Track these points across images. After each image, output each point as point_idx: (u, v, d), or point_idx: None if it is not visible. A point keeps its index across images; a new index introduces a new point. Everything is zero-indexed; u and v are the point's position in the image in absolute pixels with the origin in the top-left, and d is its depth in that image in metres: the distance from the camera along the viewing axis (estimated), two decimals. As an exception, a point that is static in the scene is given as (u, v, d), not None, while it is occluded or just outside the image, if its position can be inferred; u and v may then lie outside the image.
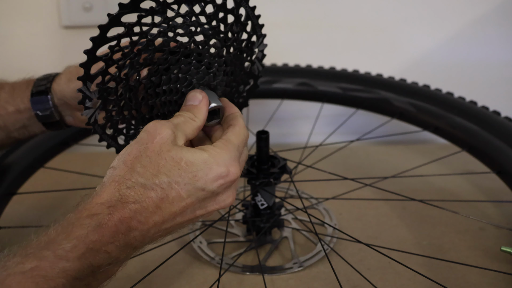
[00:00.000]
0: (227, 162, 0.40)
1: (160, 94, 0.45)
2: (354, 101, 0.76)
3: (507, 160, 0.59)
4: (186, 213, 0.39)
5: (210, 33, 0.46)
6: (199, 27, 0.45)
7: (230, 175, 0.40)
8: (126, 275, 0.54)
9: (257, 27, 0.51)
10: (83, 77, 0.43)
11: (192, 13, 0.44)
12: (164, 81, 0.44)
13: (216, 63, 0.46)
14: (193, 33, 0.45)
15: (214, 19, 0.46)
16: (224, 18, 0.47)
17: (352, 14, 0.90)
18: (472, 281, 0.53)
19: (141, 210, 0.37)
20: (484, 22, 0.89)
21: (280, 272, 0.55)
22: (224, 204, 0.42)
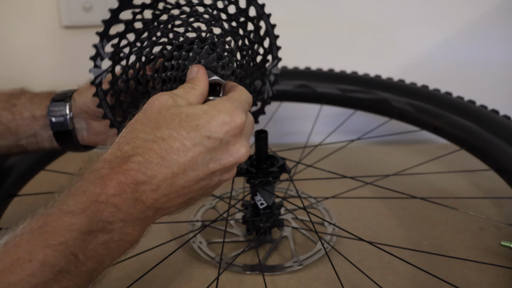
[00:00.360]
0: (230, 109, 0.39)
1: (167, 68, 0.45)
2: (353, 102, 0.76)
3: (506, 157, 0.59)
4: (197, 165, 0.38)
5: (227, 30, 0.47)
6: (218, 21, 0.47)
7: (235, 120, 0.38)
8: (125, 274, 0.54)
9: (274, 47, 0.52)
10: (101, 33, 0.44)
11: (214, 6, 0.47)
12: (175, 56, 0.45)
13: (227, 57, 0.46)
14: (211, 24, 0.46)
15: (234, 19, 0.48)
16: (244, 23, 0.49)
17: (351, 15, 0.90)
18: (472, 280, 0.53)
19: (144, 162, 0.36)
20: (484, 22, 0.89)
21: (280, 271, 0.55)
22: (239, 156, 0.40)
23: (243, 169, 0.56)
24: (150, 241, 0.60)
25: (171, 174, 0.37)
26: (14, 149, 0.56)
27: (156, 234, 0.62)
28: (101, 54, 0.45)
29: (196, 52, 0.45)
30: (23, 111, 0.54)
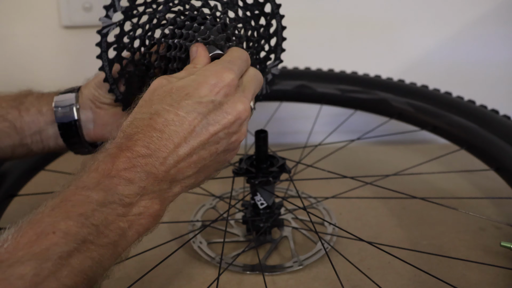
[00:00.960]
0: (216, 71, 0.40)
1: (176, 36, 0.47)
2: (353, 102, 0.77)
3: (505, 156, 0.59)
4: (196, 131, 0.39)
5: (241, 17, 0.49)
6: (234, 6, 0.49)
7: (223, 80, 0.40)
8: (125, 274, 0.54)
9: (279, 48, 0.54)
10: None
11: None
12: (186, 26, 0.46)
13: (235, 41, 0.48)
14: (227, 7, 0.49)
15: (249, 9, 0.50)
16: (258, 16, 0.50)
17: (351, 15, 0.90)
18: (472, 280, 0.53)
19: (145, 138, 0.37)
20: (484, 22, 0.89)
21: (280, 271, 0.55)
22: (236, 112, 0.40)
23: (243, 169, 0.56)
24: (150, 241, 0.60)
25: (173, 145, 0.38)
26: (18, 149, 0.55)
27: (156, 234, 0.62)
28: (116, 6, 0.46)
29: (208, 27, 0.46)
30: (30, 107, 0.54)
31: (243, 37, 0.48)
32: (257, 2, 0.51)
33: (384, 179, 0.66)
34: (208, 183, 0.68)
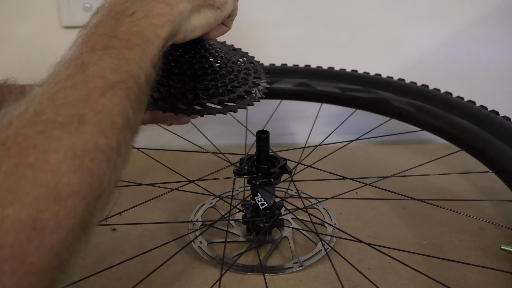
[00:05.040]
0: None
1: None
2: (353, 101, 0.76)
3: (506, 159, 0.59)
4: None
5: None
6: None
7: None
8: (125, 275, 0.54)
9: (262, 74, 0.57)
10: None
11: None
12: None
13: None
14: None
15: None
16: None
17: (351, 14, 0.90)
18: (472, 281, 0.53)
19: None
20: (484, 22, 0.89)
21: (280, 272, 0.55)
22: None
23: (244, 169, 0.56)
24: (150, 241, 0.60)
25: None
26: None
27: (156, 234, 0.62)
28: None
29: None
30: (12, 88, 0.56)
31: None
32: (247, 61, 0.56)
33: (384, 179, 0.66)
34: (208, 183, 0.68)
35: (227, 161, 0.67)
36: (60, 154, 0.28)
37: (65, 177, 0.28)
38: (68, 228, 0.28)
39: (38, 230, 0.26)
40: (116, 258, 0.56)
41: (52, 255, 0.27)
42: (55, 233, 0.27)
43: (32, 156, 0.27)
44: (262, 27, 0.89)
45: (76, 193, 0.28)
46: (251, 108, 0.80)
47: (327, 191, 0.70)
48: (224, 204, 0.68)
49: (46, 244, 0.27)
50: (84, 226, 0.29)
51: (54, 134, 0.29)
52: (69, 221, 0.28)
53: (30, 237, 0.26)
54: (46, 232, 0.27)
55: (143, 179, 0.75)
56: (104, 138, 0.31)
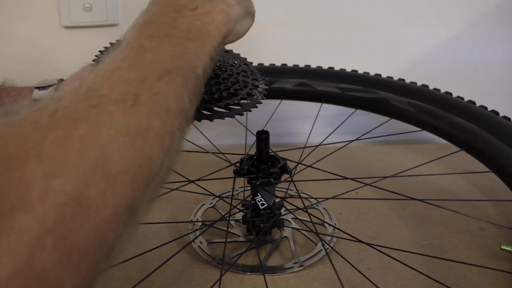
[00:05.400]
0: None
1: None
2: (353, 101, 0.76)
3: (506, 159, 0.59)
4: None
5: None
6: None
7: None
8: (126, 275, 0.54)
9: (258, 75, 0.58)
10: None
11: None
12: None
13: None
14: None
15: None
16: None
17: (351, 14, 0.90)
18: (472, 280, 0.53)
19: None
20: (484, 22, 0.89)
21: (280, 272, 0.55)
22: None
23: (244, 169, 0.56)
24: (150, 241, 0.60)
25: None
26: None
27: (156, 234, 0.62)
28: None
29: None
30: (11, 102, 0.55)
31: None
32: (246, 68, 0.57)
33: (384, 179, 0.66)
34: (208, 183, 0.68)
35: (227, 161, 0.67)
36: (112, 130, 0.27)
37: (115, 154, 0.27)
38: (115, 208, 0.26)
39: (84, 206, 0.25)
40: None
41: (97, 234, 0.25)
42: (102, 211, 0.25)
43: (82, 128, 0.26)
44: (262, 27, 0.89)
45: (126, 172, 0.27)
46: (251, 108, 0.80)
47: (327, 191, 0.70)
48: (224, 204, 0.68)
49: (91, 221, 0.25)
50: (132, 209, 0.28)
51: (107, 109, 0.28)
52: (117, 200, 0.26)
53: (75, 212, 0.24)
54: (92, 208, 0.25)
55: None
56: (159, 121, 0.30)
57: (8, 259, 0.21)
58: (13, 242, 0.22)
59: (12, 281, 0.21)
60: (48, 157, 0.24)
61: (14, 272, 0.21)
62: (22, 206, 0.23)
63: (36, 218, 0.23)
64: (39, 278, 0.22)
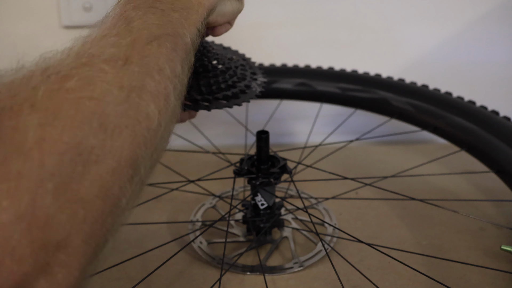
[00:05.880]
0: None
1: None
2: (353, 101, 0.76)
3: (506, 159, 0.59)
4: None
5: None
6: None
7: None
8: (125, 275, 0.54)
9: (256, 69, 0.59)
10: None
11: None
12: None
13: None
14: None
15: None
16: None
17: (351, 14, 0.90)
18: (472, 280, 0.53)
19: None
20: (484, 22, 0.89)
21: (280, 272, 0.55)
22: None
23: (244, 169, 0.56)
24: (150, 242, 0.60)
25: None
26: None
27: (155, 234, 0.62)
28: None
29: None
30: None
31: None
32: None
33: (384, 179, 0.66)
34: (208, 183, 0.68)
35: (227, 161, 0.67)
36: (105, 84, 0.27)
37: (110, 106, 0.27)
38: (117, 160, 0.26)
39: (83, 156, 0.24)
40: (116, 258, 0.56)
41: (100, 186, 0.25)
42: (102, 163, 0.25)
43: (75, 82, 0.26)
44: (262, 27, 0.89)
45: (124, 126, 0.27)
46: (251, 108, 0.81)
47: (327, 191, 0.70)
48: (224, 204, 0.68)
49: (92, 172, 0.25)
50: (135, 166, 0.28)
51: (99, 66, 0.28)
52: (117, 153, 0.26)
53: (74, 161, 0.24)
54: (92, 159, 0.25)
55: (143, 179, 0.75)
56: (152, 80, 0.30)
57: (8, 204, 0.21)
58: (13, 187, 0.22)
59: (15, 226, 0.21)
60: (42, 107, 0.24)
61: (16, 216, 0.21)
62: (19, 152, 0.22)
63: (34, 164, 0.23)
64: (43, 225, 0.22)
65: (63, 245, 0.23)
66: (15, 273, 0.21)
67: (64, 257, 0.23)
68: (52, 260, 0.23)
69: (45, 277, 0.22)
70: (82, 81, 0.26)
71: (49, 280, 0.23)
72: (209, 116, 0.91)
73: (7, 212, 0.21)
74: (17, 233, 0.21)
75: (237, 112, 0.81)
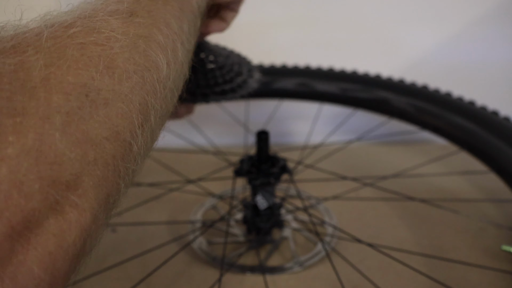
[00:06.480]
0: None
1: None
2: (353, 101, 0.76)
3: (506, 159, 0.59)
4: None
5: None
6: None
7: None
8: (125, 275, 0.54)
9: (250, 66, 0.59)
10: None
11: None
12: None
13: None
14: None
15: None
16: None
17: (351, 14, 0.90)
18: (472, 280, 0.53)
19: None
20: (484, 22, 0.89)
21: (280, 272, 0.55)
22: None
23: (244, 169, 0.56)
24: (150, 241, 0.60)
25: None
26: None
27: (156, 234, 0.62)
28: None
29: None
30: None
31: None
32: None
33: (384, 179, 0.66)
34: (208, 183, 0.68)
35: (227, 161, 0.67)
36: (108, 30, 0.27)
37: (117, 51, 0.26)
38: (126, 104, 0.26)
39: (91, 97, 0.24)
40: (116, 258, 0.56)
41: (110, 129, 0.25)
42: (112, 106, 0.25)
43: (79, 28, 0.26)
44: (262, 27, 0.89)
45: (132, 71, 0.27)
46: (251, 108, 0.81)
47: (327, 191, 0.70)
48: (224, 204, 0.68)
49: (101, 114, 0.24)
50: (145, 113, 0.27)
51: (103, 18, 0.27)
52: (127, 97, 0.26)
53: (82, 101, 0.24)
54: (100, 101, 0.24)
55: (143, 179, 0.75)
56: (159, 32, 0.30)
57: (14, 139, 0.21)
58: (18, 122, 0.21)
59: (22, 160, 0.21)
60: (46, 50, 0.24)
61: (23, 151, 0.21)
62: (23, 90, 0.22)
63: (39, 101, 0.22)
64: (51, 162, 0.22)
65: (73, 185, 0.23)
66: (23, 208, 0.20)
67: (75, 198, 0.23)
68: (63, 200, 0.22)
69: (55, 216, 0.22)
70: (86, 29, 0.26)
71: (59, 219, 0.22)
72: (209, 116, 0.91)
73: (13, 146, 0.21)
74: (24, 167, 0.21)
75: (237, 112, 0.81)
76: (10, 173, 0.20)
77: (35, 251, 0.21)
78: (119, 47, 0.27)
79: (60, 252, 0.22)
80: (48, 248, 0.21)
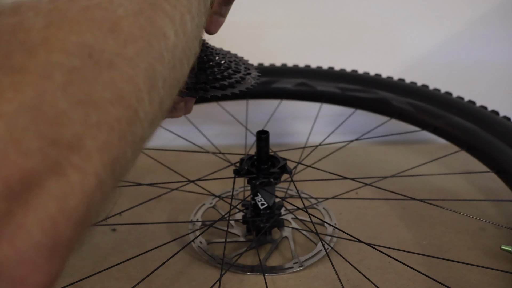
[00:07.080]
0: None
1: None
2: (353, 101, 0.77)
3: (506, 159, 0.59)
4: None
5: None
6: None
7: None
8: (126, 275, 0.54)
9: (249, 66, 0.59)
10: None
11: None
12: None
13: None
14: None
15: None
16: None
17: (351, 14, 0.90)
18: (472, 280, 0.53)
19: None
20: (484, 22, 0.89)
21: (280, 272, 0.55)
22: None
23: (244, 169, 0.56)
24: (150, 241, 0.60)
25: None
26: None
27: (156, 234, 0.62)
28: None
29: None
30: None
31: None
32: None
33: (384, 179, 0.66)
34: (208, 183, 0.68)
35: (227, 161, 0.67)
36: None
37: (121, 15, 0.26)
38: (132, 68, 0.25)
39: (94, 58, 0.23)
40: (116, 258, 0.56)
41: (114, 92, 0.24)
42: (116, 69, 0.24)
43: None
44: (262, 27, 0.89)
45: (138, 36, 0.26)
46: (251, 108, 0.81)
47: (327, 191, 0.70)
48: (224, 204, 0.68)
49: (105, 77, 0.24)
50: (151, 78, 0.26)
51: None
52: (132, 61, 0.25)
53: (84, 62, 0.23)
54: (104, 63, 0.24)
55: (143, 179, 0.75)
56: (166, 3, 0.29)
57: (12, 96, 0.20)
58: (17, 79, 0.21)
59: (20, 117, 0.20)
60: (45, 12, 0.23)
61: (21, 108, 0.20)
62: (23, 49, 0.22)
63: (39, 60, 0.22)
64: (52, 121, 0.21)
65: (75, 147, 0.22)
66: (21, 167, 0.20)
67: (78, 160, 0.22)
68: (65, 161, 0.21)
69: (56, 178, 0.21)
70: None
71: (61, 181, 0.21)
72: (209, 116, 0.91)
73: (11, 102, 0.20)
74: (22, 125, 0.20)
75: (237, 112, 0.81)
76: (7, 130, 0.19)
77: (34, 213, 0.20)
78: (123, 11, 0.26)
79: (61, 217, 0.21)
80: (49, 211, 0.20)
